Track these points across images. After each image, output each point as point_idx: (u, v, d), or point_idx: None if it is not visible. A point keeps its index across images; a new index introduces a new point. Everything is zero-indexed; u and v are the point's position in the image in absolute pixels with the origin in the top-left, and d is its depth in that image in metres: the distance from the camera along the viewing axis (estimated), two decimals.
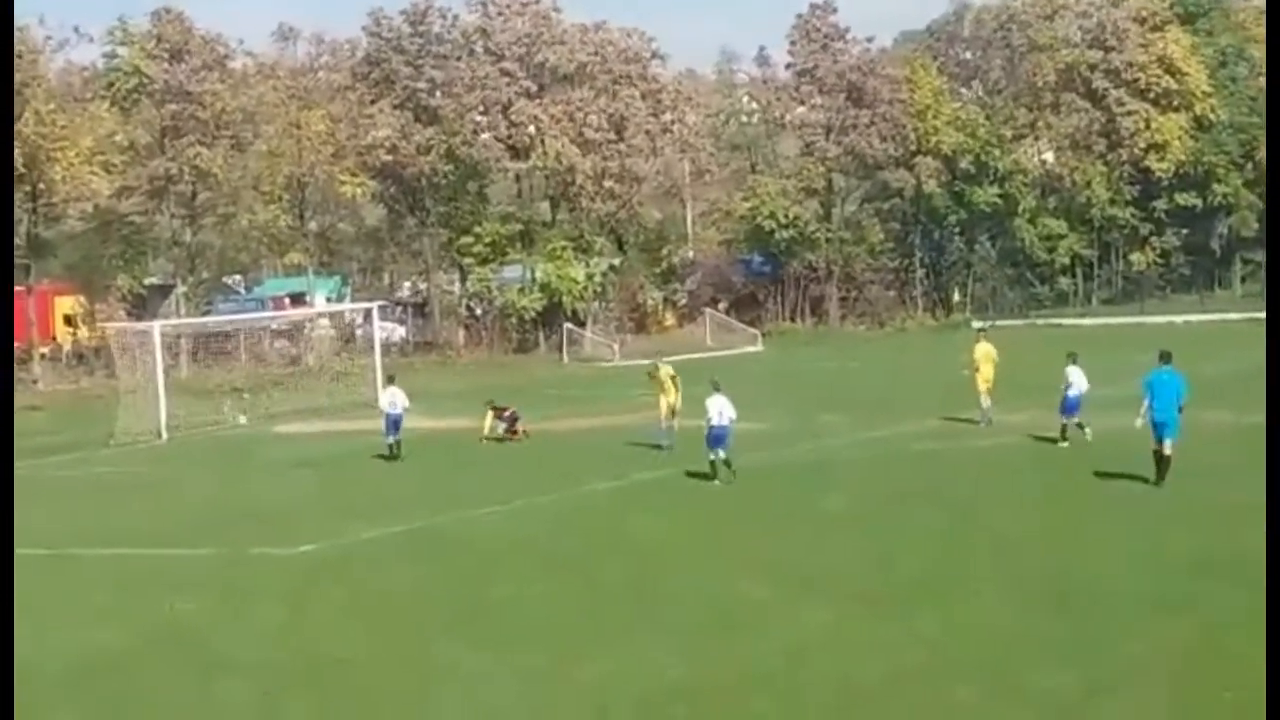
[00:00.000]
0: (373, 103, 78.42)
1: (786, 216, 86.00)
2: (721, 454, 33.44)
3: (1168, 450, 29.56)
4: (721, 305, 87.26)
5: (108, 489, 39.37)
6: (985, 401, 41.28)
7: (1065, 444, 36.08)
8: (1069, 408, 36.58)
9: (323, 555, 27.95)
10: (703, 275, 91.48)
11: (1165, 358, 30.79)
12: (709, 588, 23.78)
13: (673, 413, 39.80)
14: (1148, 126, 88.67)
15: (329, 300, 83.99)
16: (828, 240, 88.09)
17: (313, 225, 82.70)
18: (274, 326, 73.71)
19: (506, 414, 44.10)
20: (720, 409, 33.51)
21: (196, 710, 18.68)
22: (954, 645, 19.76)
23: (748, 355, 75.76)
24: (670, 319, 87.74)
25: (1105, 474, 32.16)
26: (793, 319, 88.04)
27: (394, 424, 40.92)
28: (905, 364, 65.65)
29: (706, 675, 19.00)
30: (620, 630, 21.47)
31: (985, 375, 41.64)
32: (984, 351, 42.10)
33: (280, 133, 77.64)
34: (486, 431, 43.51)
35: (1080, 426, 36.29)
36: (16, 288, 73.22)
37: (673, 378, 40.68)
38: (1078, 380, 36.67)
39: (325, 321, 76.29)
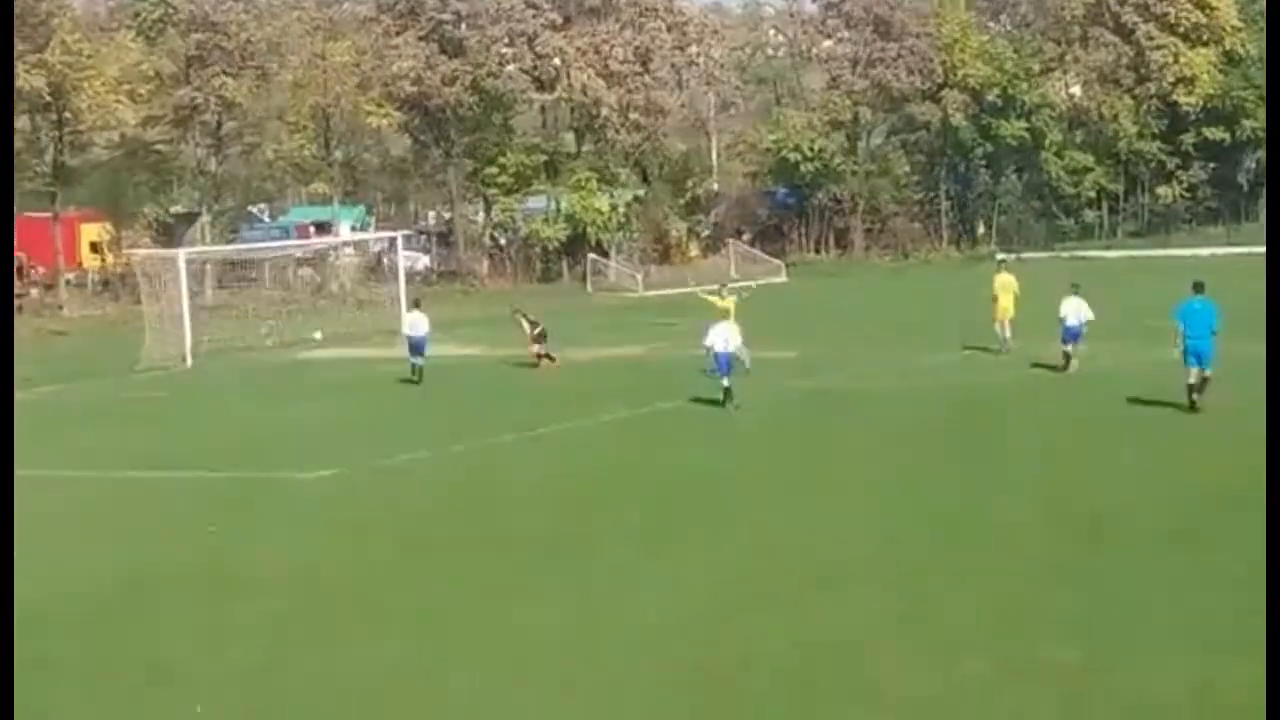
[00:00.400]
0: (398, 34, 78.21)
1: (812, 149, 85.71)
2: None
3: (1202, 376, 29.81)
4: (746, 237, 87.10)
5: (133, 413, 39.64)
6: (1005, 331, 41.79)
7: (1070, 369, 37.15)
8: (1071, 335, 37.49)
9: (343, 480, 28.12)
10: (727, 207, 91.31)
11: (1199, 287, 31.07)
12: (729, 515, 23.89)
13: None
14: (1176, 60, 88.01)
15: (353, 229, 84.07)
16: (853, 173, 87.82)
17: (338, 155, 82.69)
18: (299, 254, 73.88)
19: (539, 328, 43.85)
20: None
21: (213, 630, 18.85)
22: (977, 581, 19.84)
23: (772, 286, 75.61)
24: (694, 250, 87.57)
25: (1135, 402, 32.21)
26: (817, 250, 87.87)
27: (417, 347, 41.06)
28: (930, 295, 65.51)
29: (723, 601, 19.10)
30: (642, 555, 21.58)
31: (1004, 305, 42.14)
32: (1003, 282, 42.63)
33: (305, 63, 77.64)
34: (533, 347, 43.47)
35: (1067, 357, 37.32)
36: (43, 214, 73.62)
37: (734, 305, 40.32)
38: (1074, 310, 37.45)
39: (350, 250, 76.44)
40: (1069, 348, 37.42)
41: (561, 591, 19.76)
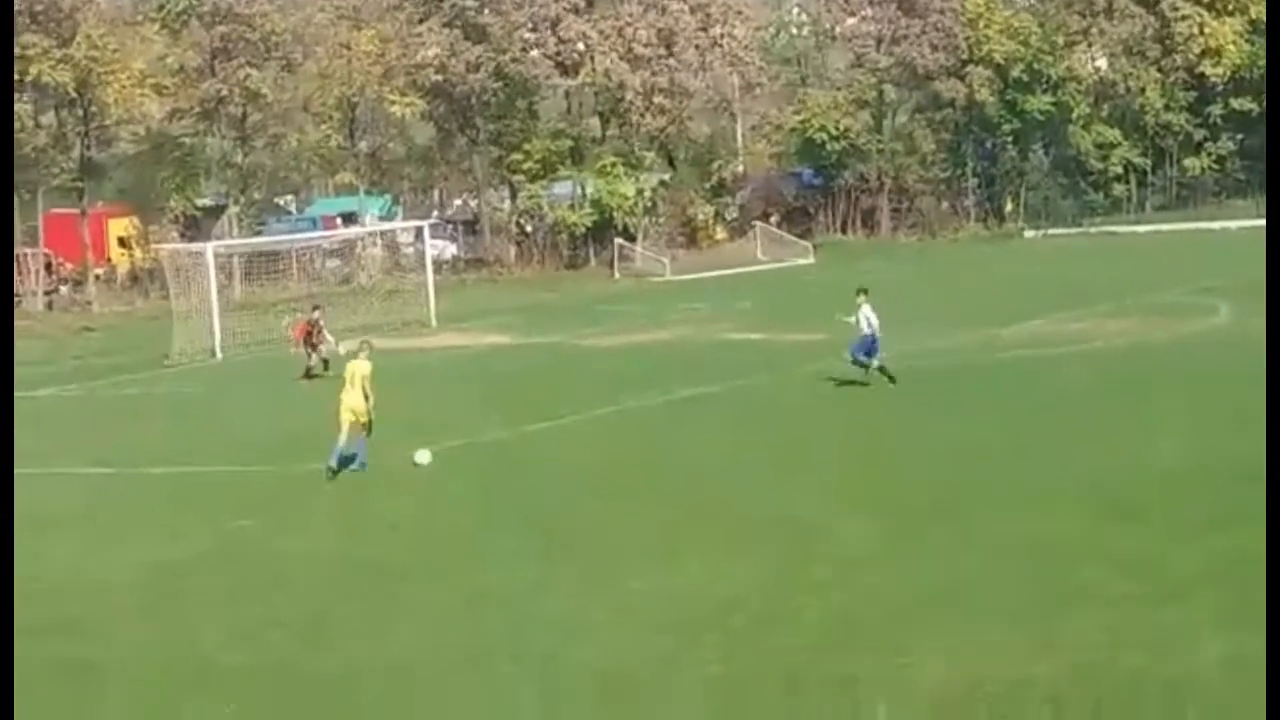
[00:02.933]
0: (421, 21, 78.10)
1: (837, 129, 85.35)
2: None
3: None
4: (773, 219, 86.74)
5: (164, 409, 39.71)
6: None
7: (889, 380, 33.81)
8: (869, 351, 33.93)
9: (375, 472, 28.06)
10: (753, 189, 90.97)
11: None
12: (763, 500, 23.84)
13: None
14: (1202, 31, 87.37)
15: (379, 219, 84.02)
16: (879, 152, 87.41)
17: (363, 145, 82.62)
18: (326, 246, 73.88)
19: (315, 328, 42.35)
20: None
21: (253, 622, 18.88)
22: (1010, 555, 19.78)
23: (800, 268, 75.53)
24: (721, 233, 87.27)
25: (1163, 378, 32.06)
26: (844, 231, 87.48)
27: None
28: (958, 275, 65.30)
29: (758, 586, 19.06)
30: (671, 544, 21.54)
31: None
32: None
33: (330, 53, 77.58)
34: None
35: (867, 368, 33.97)
36: (70, 210, 73.75)
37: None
38: (868, 319, 34.10)
39: (377, 240, 76.41)
40: (868, 362, 33.91)
41: (587, 583, 19.72)
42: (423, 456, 28.09)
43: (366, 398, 27.74)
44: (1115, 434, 27.10)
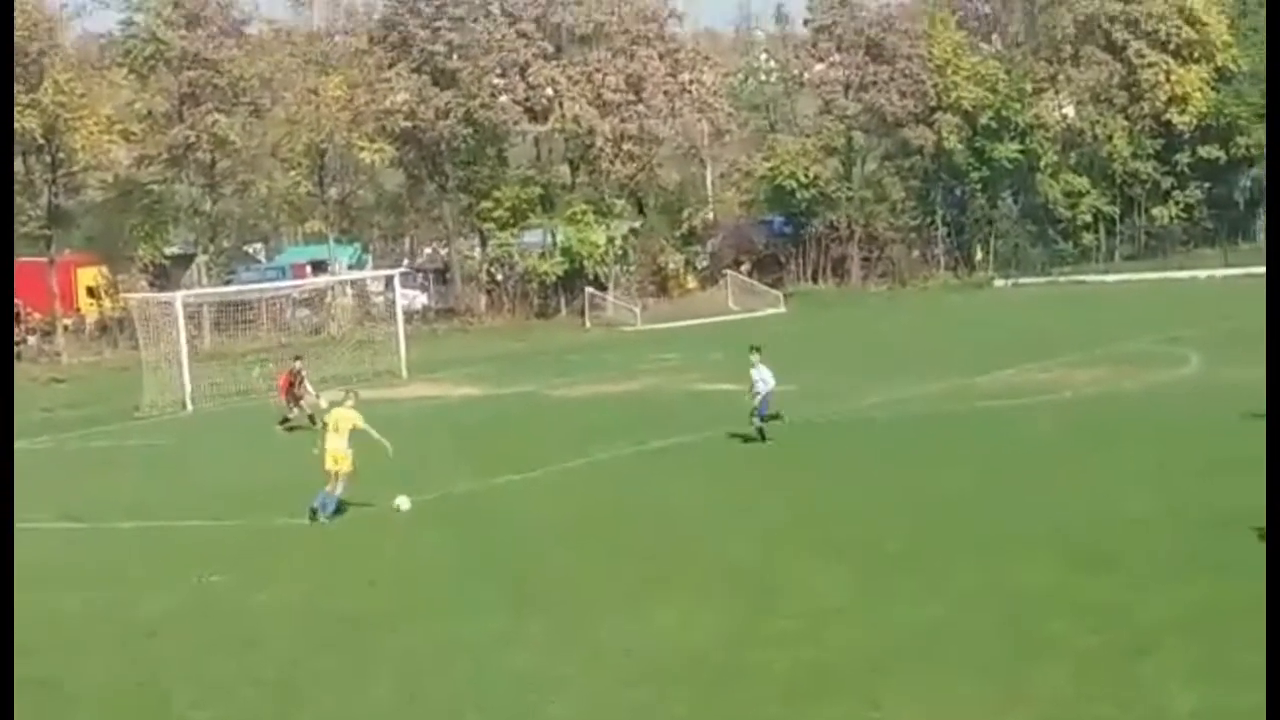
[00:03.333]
0: (390, 66, 78.18)
1: (807, 176, 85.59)
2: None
3: None
4: (744, 267, 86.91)
5: (135, 461, 39.55)
6: None
7: (770, 442, 33.87)
8: (761, 409, 33.95)
9: (347, 525, 28.03)
10: (724, 237, 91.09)
11: None
12: (733, 551, 23.86)
13: None
14: (1168, 79, 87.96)
15: (350, 268, 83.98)
16: (849, 199, 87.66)
17: (332, 192, 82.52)
18: (296, 295, 73.78)
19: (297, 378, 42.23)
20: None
21: (225, 678, 18.82)
22: (980, 604, 19.82)
23: (771, 317, 75.68)
24: (692, 282, 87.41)
25: (1133, 428, 32.16)
26: (815, 280, 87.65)
27: None
28: (928, 324, 65.50)
29: (729, 638, 19.08)
30: (643, 594, 21.55)
31: None
32: None
33: (298, 99, 77.52)
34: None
35: (776, 416, 34.23)
36: (38, 259, 73.47)
37: None
38: (764, 378, 34.12)
39: (347, 289, 76.34)
40: (760, 423, 33.99)
41: (558, 636, 19.70)
42: (403, 502, 28.54)
43: (349, 450, 28.37)
44: (1085, 483, 27.17)
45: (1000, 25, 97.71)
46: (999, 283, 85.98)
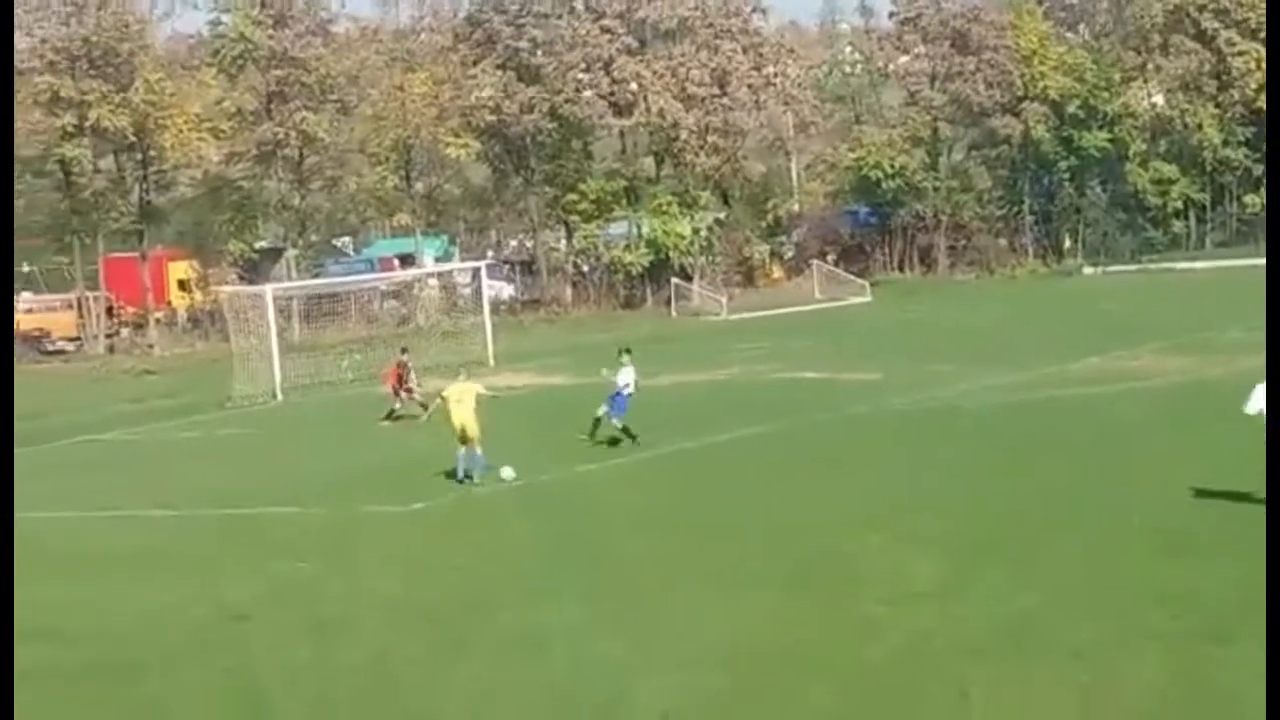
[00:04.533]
0: (475, 63, 78.54)
1: (892, 166, 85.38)
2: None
3: None
4: (829, 257, 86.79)
5: (226, 451, 39.93)
6: None
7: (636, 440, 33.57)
8: (619, 408, 33.81)
9: (434, 512, 28.21)
10: (809, 227, 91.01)
11: None
12: (820, 539, 23.81)
13: None
14: (1259, 66, 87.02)
15: (436, 260, 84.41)
16: (935, 189, 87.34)
17: (419, 186, 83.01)
18: (383, 287, 74.26)
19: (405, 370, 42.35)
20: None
21: (312, 668, 18.94)
22: (1071, 593, 19.72)
23: (857, 306, 75.51)
24: (778, 272, 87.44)
25: (1221, 416, 31.82)
26: (901, 269, 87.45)
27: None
28: (1016, 311, 65.06)
29: (810, 629, 19.03)
30: (728, 582, 21.53)
31: None
32: None
33: (384, 95, 78.07)
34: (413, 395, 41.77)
35: (626, 432, 33.83)
36: (130, 254, 74.46)
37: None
38: (629, 380, 34.16)
39: (434, 281, 76.75)
40: (618, 421, 33.81)
41: (642, 624, 19.73)
42: (507, 472, 30.34)
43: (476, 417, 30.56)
44: (1173, 471, 26.89)
45: (1087, 15, 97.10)
46: (1088, 270, 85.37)
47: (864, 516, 25.26)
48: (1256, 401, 24.69)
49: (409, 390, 41.87)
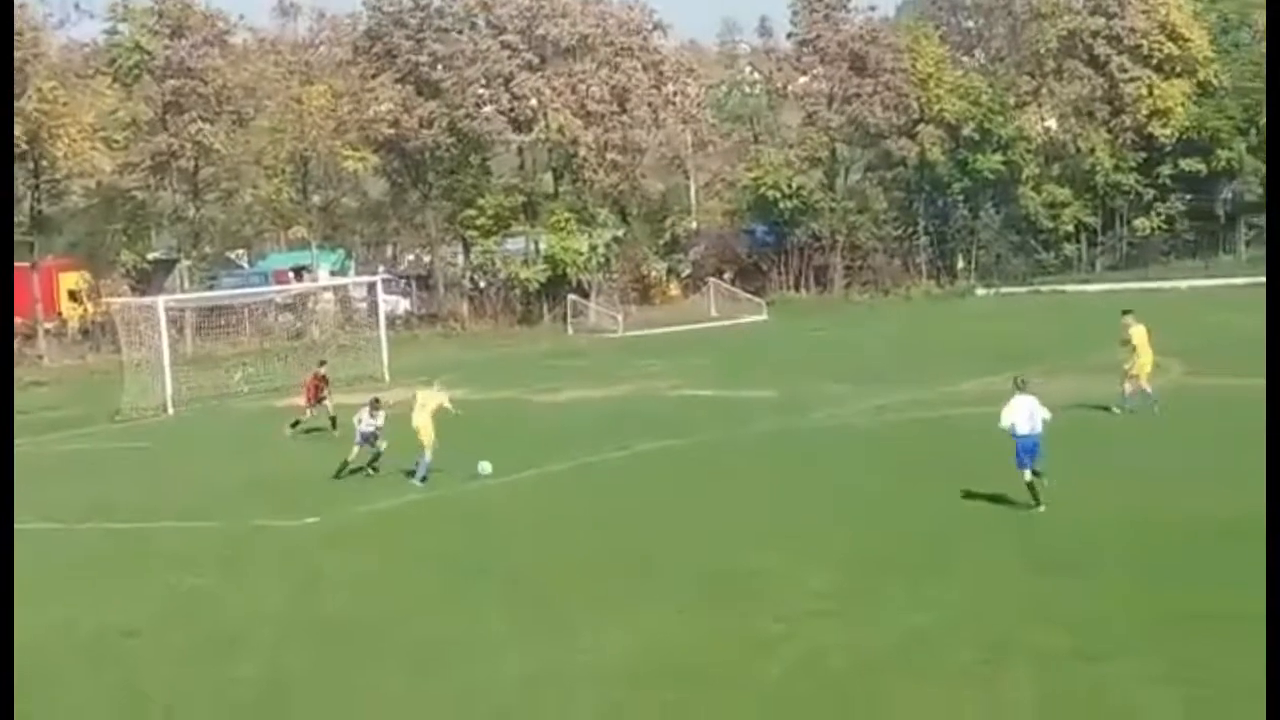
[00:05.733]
0: (374, 77, 78.20)
1: (790, 186, 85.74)
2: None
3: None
4: (726, 275, 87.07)
5: (115, 464, 39.49)
6: (1148, 387, 36.99)
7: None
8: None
9: (326, 527, 28.07)
10: (706, 246, 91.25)
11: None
12: (713, 557, 23.89)
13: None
14: (1150, 93, 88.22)
15: (332, 274, 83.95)
16: (831, 209, 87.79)
17: (315, 199, 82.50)
18: (278, 300, 73.71)
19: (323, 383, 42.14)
20: (1030, 413, 26.68)
21: (204, 684, 18.78)
22: (958, 612, 19.92)
23: (753, 324, 75.82)
24: (675, 289, 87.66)
25: (1114, 438, 32.25)
26: (797, 288, 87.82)
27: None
28: (909, 332, 65.59)
29: (708, 644, 19.11)
30: (627, 597, 21.57)
31: (1145, 361, 37.14)
32: (1140, 335, 37.54)
33: (282, 108, 77.51)
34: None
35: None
36: (21, 264, 73.36)
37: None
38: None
39: (329, 295, 76.31)
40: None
41: (541, 639, 19.72)
42: (485, 467, 32.16)
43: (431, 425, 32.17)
44: (1059, 490, 27.20)
45: (983, 40, 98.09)
46: (981, 291, 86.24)
47: (761, 533, 25.38)
48: (1008, 416, 26.39)
49: (319, 401, 41.68)
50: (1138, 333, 37.61)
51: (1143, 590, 20.31)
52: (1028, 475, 26.10)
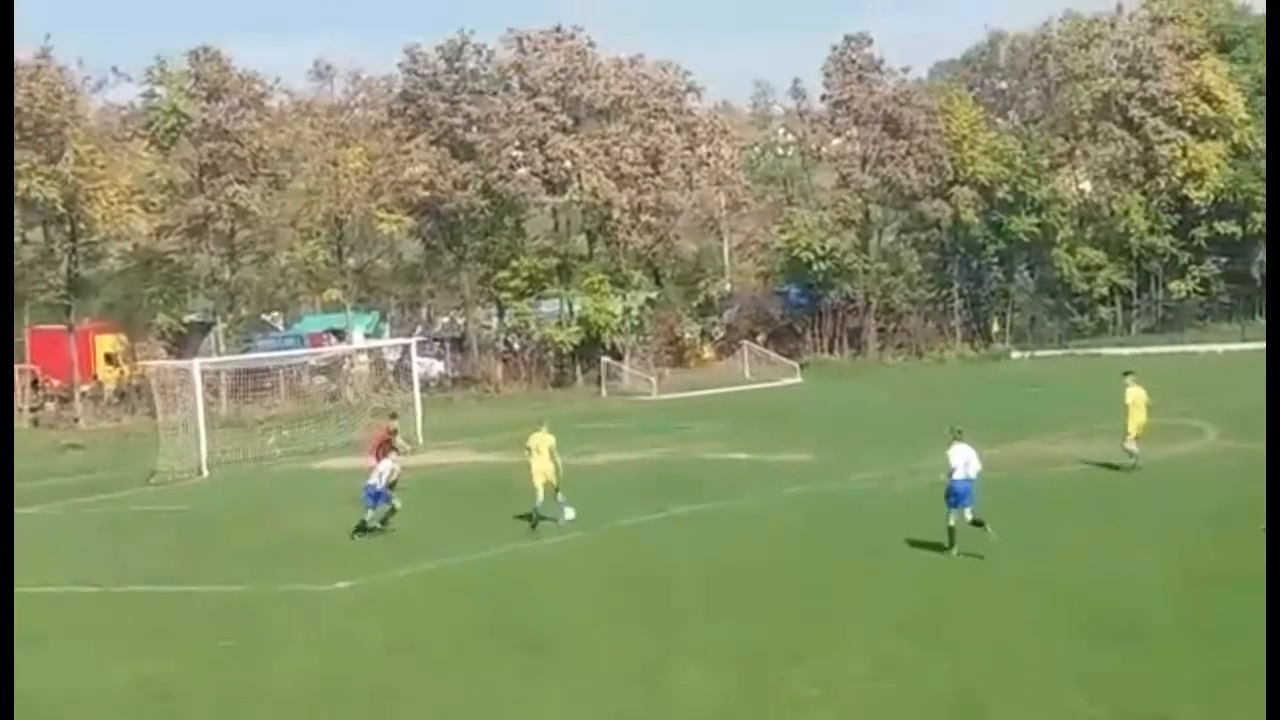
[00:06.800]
0: (409, 139, 78.61)
1: (823, 248, 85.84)
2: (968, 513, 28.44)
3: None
4: (759, 338, 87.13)
5: (150, 526, 39.47)
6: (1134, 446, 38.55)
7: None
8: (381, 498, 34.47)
9: (360, 591, 28.01)
10: (740, 308, 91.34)
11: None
12: (752, 619, 23.79)
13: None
14: (1185, 155, 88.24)
15: (367, 336, 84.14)
16: (865, 271, 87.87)
17: (350, 262, 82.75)
18: (313, 363, 73.83)
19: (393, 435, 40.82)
20: (966, 460, 28.64)
21: None
22: (994, 673, 19.79)
23: (787, 388, 75.71)
24: (708, 352, 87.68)
25: (1153, 503, 32.09)
26: (831, 351, 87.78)
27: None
28: (944, 396, 65.34)
29: (745, 704, 19.01)
30: (660, 660, 21.46)
31: (1139, 420, 38.77)
32: (1135, 396, 39.14)
33: (318, 170, 77.86)
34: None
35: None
36: (58, 327, 73.70)
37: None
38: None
39: (364, 358, 76.44)
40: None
41: (575, 701, 19.63)
42: (569, 512, 33.40)
43: (555, 464, 33.68)
44: (1092, 550, 27.11)
45: (1017, 102, 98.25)
46: (1015, 354, 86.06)
47: (795, 596, 25.26)
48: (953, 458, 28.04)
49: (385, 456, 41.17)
50: (1131, 393, 39.06)
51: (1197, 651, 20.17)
52: (952, 519, 27.39)
